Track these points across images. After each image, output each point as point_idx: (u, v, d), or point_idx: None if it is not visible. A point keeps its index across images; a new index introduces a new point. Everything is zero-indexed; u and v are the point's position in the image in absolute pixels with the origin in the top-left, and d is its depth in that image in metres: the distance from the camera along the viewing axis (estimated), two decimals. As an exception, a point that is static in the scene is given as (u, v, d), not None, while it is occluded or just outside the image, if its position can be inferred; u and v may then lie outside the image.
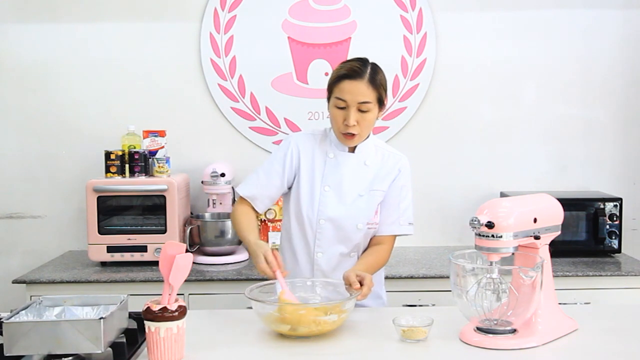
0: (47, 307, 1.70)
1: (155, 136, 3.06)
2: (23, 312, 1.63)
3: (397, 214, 2.15)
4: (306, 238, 2.11)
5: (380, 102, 2.05)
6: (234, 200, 3.11)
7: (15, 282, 2.76)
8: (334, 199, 2.09)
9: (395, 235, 2.18)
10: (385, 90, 2.06)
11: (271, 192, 2.13)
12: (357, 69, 2.00)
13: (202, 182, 3.13)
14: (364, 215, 2.10)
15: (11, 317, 1.58)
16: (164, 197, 2.89)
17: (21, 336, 1.50)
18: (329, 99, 2.07)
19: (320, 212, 2.08)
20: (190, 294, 2.74)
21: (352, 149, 2.12)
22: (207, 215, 3.14)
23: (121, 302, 1.68)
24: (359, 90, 1.98)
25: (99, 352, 1.52)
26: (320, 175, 2.10)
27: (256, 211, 2.14)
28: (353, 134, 2.03)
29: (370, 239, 2.17)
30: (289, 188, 2.15)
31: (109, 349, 1.59)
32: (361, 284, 1.87)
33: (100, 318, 1.52)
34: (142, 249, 2.89)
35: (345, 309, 1.77)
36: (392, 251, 2.17)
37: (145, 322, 1.57)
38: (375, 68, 2.04)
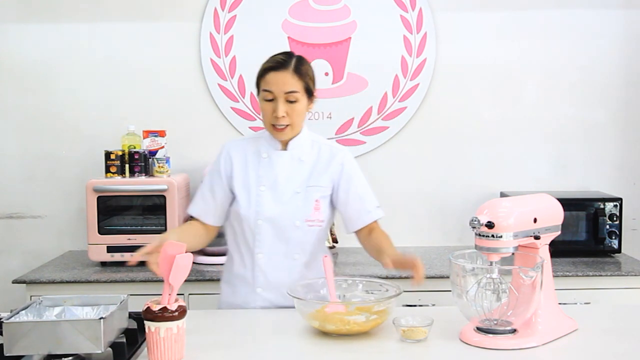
0: (47, 307, 1.70)
1: (155, 136, 3.06)
2: (23, 312, 1.63)
3: (360, 204, 2.15)
4: (246, 239, 2.10)
5: (309, 93, 2.06)
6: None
7: (15, 282, 2.76)
8: (270, 199, 2.08)
9: (374, 221, 2.17)
10: (313, 81, 2.08)
11: (217, 204, 2.13)
12: (281, 60, 2.03)
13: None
14: (301, 212, 2.08)
15: (11, 317, 1.58)
16: (164, 197, 2.89)
17: (21, 336, 1.51)
18: (258, 95, 2.08)
19: (257, 213, 2.07)
20: (190, 294, 2.74)
21: (285, 146, 2.12)
22: (207, 215, 3.13)
23: (121, 302, 1.68)
24: (284, 80, 2.00)
25: (99, 352, 1.52)
26: (255, 176, 2.10)
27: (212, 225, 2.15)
28: (284, 126, 2.03)
29: (360, 233, 2.16)
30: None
31: (109, 349, 1.59)
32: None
33: (100, 318, 1.53)
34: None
35: (377, 311, 1.76)
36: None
37: (145, 322, 1.57)
38: (301, 59, 2.06)
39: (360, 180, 2.18)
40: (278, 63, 2.03)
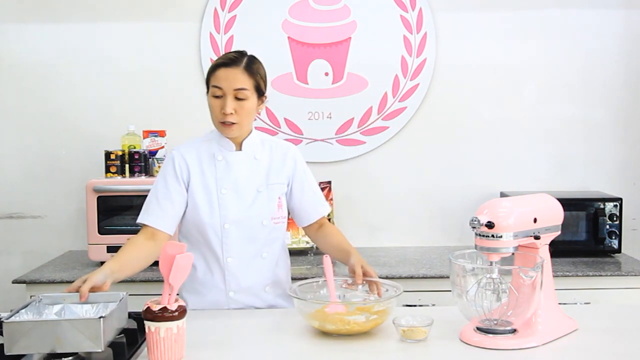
0: (47, 305, 1.70)
1: (155, 136, 3.06)
2: (23, 311, 1.63)
3: (314, 198, 2.19)
4: (212, 246, 2.06)
5: (259, 92, 2.03)
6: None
7: (15, 282, 2.76)
8: (234, 200, 2.05)
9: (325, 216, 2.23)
10: (264, 81, 2.06)
11: (175, 211, 2.04)
12: (233, 57, 2.01)
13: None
14: (266, 211, 2.07)
15: (11, 316, 1.58)
16: (164, 197, 2.89)
17: (21, 335, 1.50)
18: (207, 92, 2.05)
19: (222, 217, 2.04)
20: (190, 294, 2.73)
21: (239, 147, 2.10)
22: (207, 215, 3.13)
23: (120, 300, 1.68)
24: (234, 76, 1.98)
25: (100, 350, 1.52)
26: (214, 179, 2.05)
27: (163, 234, 2.03)
28: (231, 123, 2.00)
29: (315, 229, 2.21)
30: None
31: (109, 348, 1.59)
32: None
33: (100, 317, 1.52)
34: (142, 249, 2.88)
35: (377, 311, 1.76)
36: None
37: (145, 322, 1.57)
38: (253, 58, 2.05)
39: (311, 175, 2.21)
40: (229, 60, 2.01)
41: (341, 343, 1.72)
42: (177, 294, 1.65)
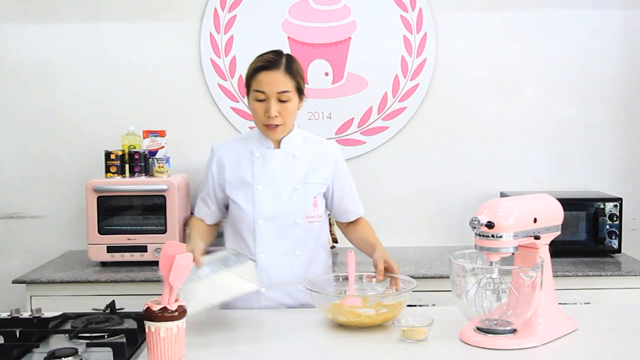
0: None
1: (155, 136, 3.06)
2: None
3: (353, 198, 2.23)
4: (245, 241, 2.10)
5: (300, 91, 2.06)
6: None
7: (15, 282, 2.76)
8: (269, 197, 2.08)
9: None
10: (303, 79, 2.08)
11: (218, 207, 2.18)
12: (272, 59, 2.02)
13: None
14: (301, 209, 2.09)
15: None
16: (164, 197, 2.89)
17: (194, 294, 1.68)
18: (248, 94, 2.07)
19: (257, 213, 2.07)
20: (190, 294, 2.73)
21: (278, 144, 2.12)
22: (207, 215, 3.13)
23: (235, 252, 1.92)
24: (276, 80, 1.99)
25: (259, 287, 1.80)
26: (250, 175, 2.09)
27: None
28: (276, 125, 2.03)
29: (349, 225, 2.25)
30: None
31: (109, 348, 1.59)
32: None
33: (250, 259, 1.80)
34: (142, 249, 2.89)
35: (388, 304, 1.82)
36: None
37: (145, 322, 1.57)
38: (290, 57, 2.06)
39: (350, 175, 2.24)
40: (269, 62, 2.01)
41: (341, 343, 1.72)
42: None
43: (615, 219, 2.99)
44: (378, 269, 1.99)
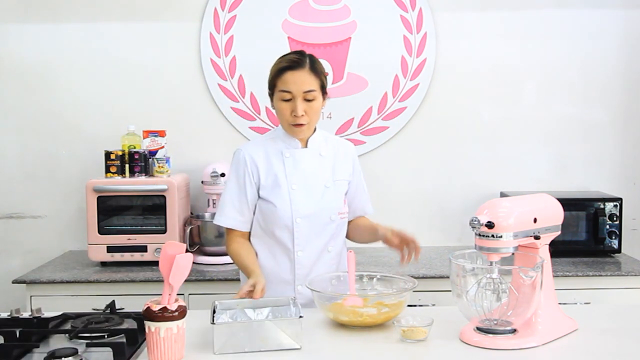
0: (223, 310, 1.80)
1: (155, 136, 3.06)
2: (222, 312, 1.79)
3: (365, 195, 2.26)
4: (282, 240, 2.10)
5: (324, 90, 2.09)
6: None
7: (15, 282, 2.76)
8: (304, 196, 2.10)
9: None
10: (326, 78, 2.11)
11: (251, 211, 2.13)
12: (296, 59, 2.04)
13: (202, 182, 3.13)
14: (334, 206, 2.13)
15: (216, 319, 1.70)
16: (164, 197, 2.89)
17: (231, 336, 1.64)
18: (272, 95, 2.08)
19: (294, 212, 2.08)
20: (190, 294, 2.74)
21: (305, 144, 2.14)
22: (207, 215, 3.13)
23: (293, 300, 1.81)
24: (302, 79, 2.01)
25: (298, 347, 1.66)
26: (283, 175, 2.10)
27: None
28: (302, 124, 2.05)
29: (349, 223, 2.25)
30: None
31: (109, 348, 1.59)
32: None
33: (300, 316, 1.67)
34: (142, 249, 2.89)
35: (390, 304, 1.82)
36: None
37: (145, 322, 1.57)
38: (313, 57, 2.08)
39: (362, 174, 2.27)
40: (294, 62, 2.03)
41: (341, 342, 1.72)
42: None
43: (615, 219, 2.99)
44: (388, 238, 2.02)
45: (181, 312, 1.58)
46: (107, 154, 2.97)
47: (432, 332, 1.73)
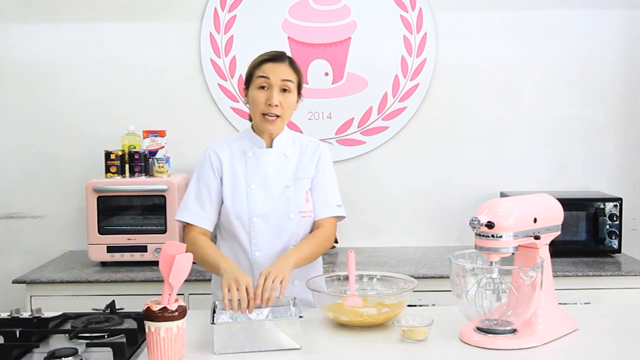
0: (222, 310, 1.80)
1: (155, 136, 3.06)
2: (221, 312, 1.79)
3: (324, 197, 2.15)
4: (240, 240, 2.09)
5: (299, 88, 2.10)
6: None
7: (15, 282, 2.76)
8: (262, 195, 2.09)
9: (330, 218, 2.15)
10: (302, 80, 2.12)
11: (214, 208, 2.10)
12: (278, 54, 2.09)
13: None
14: (293, 204, 2.10)
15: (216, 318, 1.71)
16: (164, 197, 2.89)
17: (230, 336, 1.64)
18: (247, 86, 2.08)
19: (250, 211, 2.07)
20: (190, 294, 2.74)
21: (270, 144, 2.13)
22: (207, 215, 3.13)
23: (294, 303, 1.82)
24: (281, 69, 2.04)
25: (298, 348, 1.66)
26: (244, 175, 2.10)
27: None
28: (275, 116, 2.04)
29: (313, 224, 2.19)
30: None
31: (109, 348, 1.59)
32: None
33: (300, 316, 1.68)
34: (142, 249, 2.89)
35: (390, 304, 1.82)
36: (334, 233, 2.16)
37: (145, 322, 1.57)
38: (292, 59, 2.11)
39: (330, 176, 2.19)
40: (275, 56, 2.08)
41: (341, 342, 1.72)
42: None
43: (615, 219, 2.99)
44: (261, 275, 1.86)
45: (181, 312, 1.58)
46: (107, 154, 2.98)
47: (432, 332, 1.73)
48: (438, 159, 3.32)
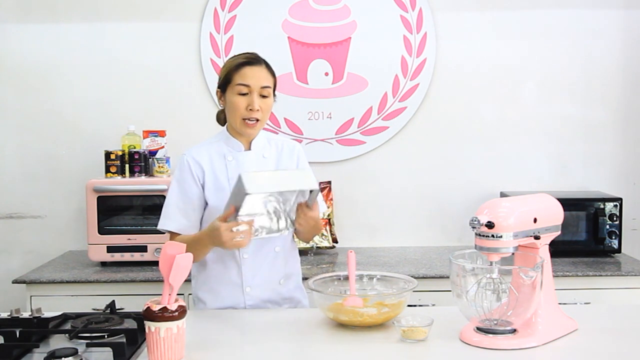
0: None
1: (155, 136, 3.06)
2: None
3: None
4: None
5: (274, 91, 2.11)
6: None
7: (15, 282, 2.76)
8: None
9: None
10: (276, 80, 2.13)
11: (197, 216, 2.10)
12: (254, 57, 2.08)
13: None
14: None
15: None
16: (164, 197, 2.88)
17: (253, 180, 1.79)
18: (224, 90, 2.07)
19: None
20: (190, 294, 2.73)
21: (248, 146, 2.13)
22: (207, 215, 3.13)
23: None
24: (260, 74, 2.04)
25: (316, 188, 1.88)
26: (226, 179, 2.08)
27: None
28: (256, 120, 2.04)
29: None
30: None
31: (109, 348, 1.59)
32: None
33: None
34: (142, 249, 2.89)
35: (390, 304, 1.82)
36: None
37: (145, 322, 1.57)
38: (266, 61, 2.11)
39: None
40: (252, 59, 2.06)
41: (341, 343, 1.72)
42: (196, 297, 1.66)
43: (615, 219, 2.99)
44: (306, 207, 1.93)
45: (181, 312, 1.58)
46: (107, 154, 2.98)
47: (432, 332, 1.73)
48: (438, 159, 3.32)
